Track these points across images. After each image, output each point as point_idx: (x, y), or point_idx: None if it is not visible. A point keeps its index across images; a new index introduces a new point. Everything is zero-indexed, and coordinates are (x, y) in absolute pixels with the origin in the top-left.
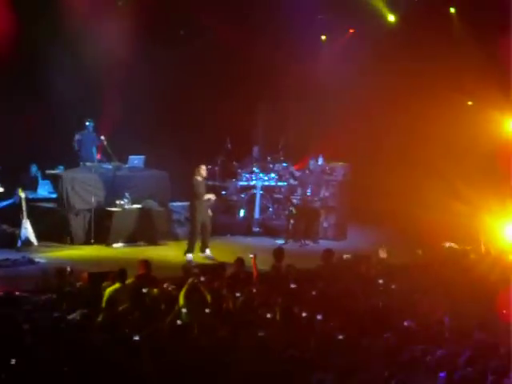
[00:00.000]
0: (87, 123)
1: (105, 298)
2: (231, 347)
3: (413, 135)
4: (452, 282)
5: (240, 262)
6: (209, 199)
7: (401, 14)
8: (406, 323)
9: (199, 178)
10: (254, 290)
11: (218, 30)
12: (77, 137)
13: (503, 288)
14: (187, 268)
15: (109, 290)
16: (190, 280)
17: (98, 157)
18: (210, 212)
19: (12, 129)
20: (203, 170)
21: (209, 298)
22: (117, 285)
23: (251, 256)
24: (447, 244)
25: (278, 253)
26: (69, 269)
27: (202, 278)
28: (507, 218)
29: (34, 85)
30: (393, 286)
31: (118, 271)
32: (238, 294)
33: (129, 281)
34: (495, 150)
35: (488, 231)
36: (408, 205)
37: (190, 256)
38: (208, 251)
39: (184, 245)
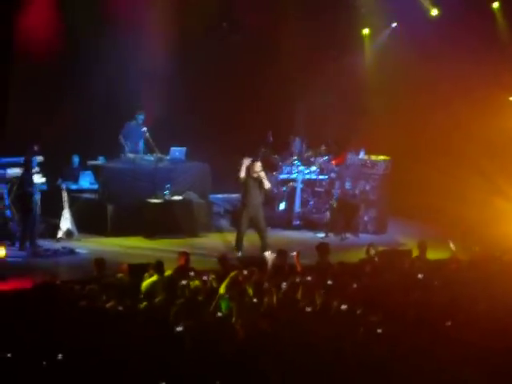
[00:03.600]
0: (138, 115)
1: (142, 291)
2: (272, 340)
3: (454, 130)
4: (493, 279)
5: (282, 254)
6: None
7: (443, 8)
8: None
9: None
10: (298, 280)
11: (260, 24)
12: (125, 128)
13: None
14: (223, 260)
15: (146, 283)
16: (232, 273)
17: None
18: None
19: (55, 120)
20: (255, 165)
21: (250, 291)
22: (154, 277)
23: (294, 254)
24: None
25: (322, 248)
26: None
27: (245, 272)
28: None
29: (77, 76)
30: (436, 283)
31: (155, 263)
32: (283, 285)
33: (168, 273)
34: None
35: None
36: (449, 200)
37: (238, 254)
38: (267, 254)
39: (224, 236)
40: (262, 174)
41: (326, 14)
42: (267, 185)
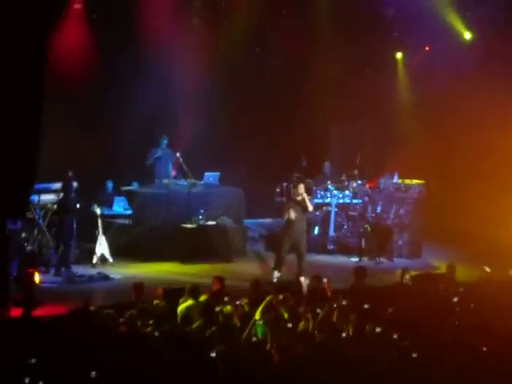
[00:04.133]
0: (162, 140)
1: (178, 315)
2: (307, 364)
3: (489, 154)
4: None
5: (317, 279)
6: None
7: (477, 31)
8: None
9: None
10: (334, 305)
11: (294, 48)
12: (152, 153)
13: None
14: (256, 285)
15: (181, 307)
16: (267, 298)
17: (174, 173)
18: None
19: (89, 146)
20: (298, 188)
21: (286, 315)
22: (189, 301)
23: (325, 280)
24: None
25: (360, 271)
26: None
27: (280, 297)
28: None
29: (111, 102)
30: (472, 305)
31: (190, 288)
32: (318, 310)
33: (203, 297)
34: None
35: None
36: (484, 224)
37: (275, 273)
38: (302, 279)
39: (259, 262)
40: (306, 196)
41: (360, 37)
42: (310, 207)
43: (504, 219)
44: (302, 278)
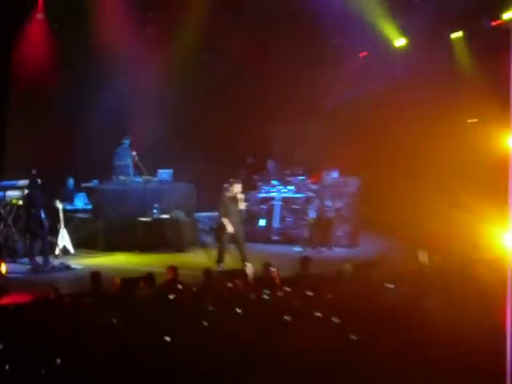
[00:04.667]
0: (124, 140)
1: (135, 303)
2: (257, 350)
3: (420, 151)
4: (456, 288)
5: (267, 267)
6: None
7: (409, 37)
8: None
9: (228, 194)
10: (280, 294)
11: (239, 53)
12: (116, 153)
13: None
14: (207, 274)
15: (137, 295)
16: (216, 286)
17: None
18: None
19: (51, 145)
20: (235, 187)
21: (235, 303)
22: (145, 290)
23: (273, 269)
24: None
25: (305, 261)
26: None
27: (229, 284)
28: (505, 225)
29: (71, 104)
30: (402, 290)
31: (146, 276)
32: (265, 296)
33: (158, 285)
34: (494, 163)
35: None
36: (415, 214)
37: (220, 265)
38: (247, 268)
39: (209, 252)
40: (239, 196)
41: (302, 44)
42: (242, 206)
43: (433, 210)
44: (248, 267)
